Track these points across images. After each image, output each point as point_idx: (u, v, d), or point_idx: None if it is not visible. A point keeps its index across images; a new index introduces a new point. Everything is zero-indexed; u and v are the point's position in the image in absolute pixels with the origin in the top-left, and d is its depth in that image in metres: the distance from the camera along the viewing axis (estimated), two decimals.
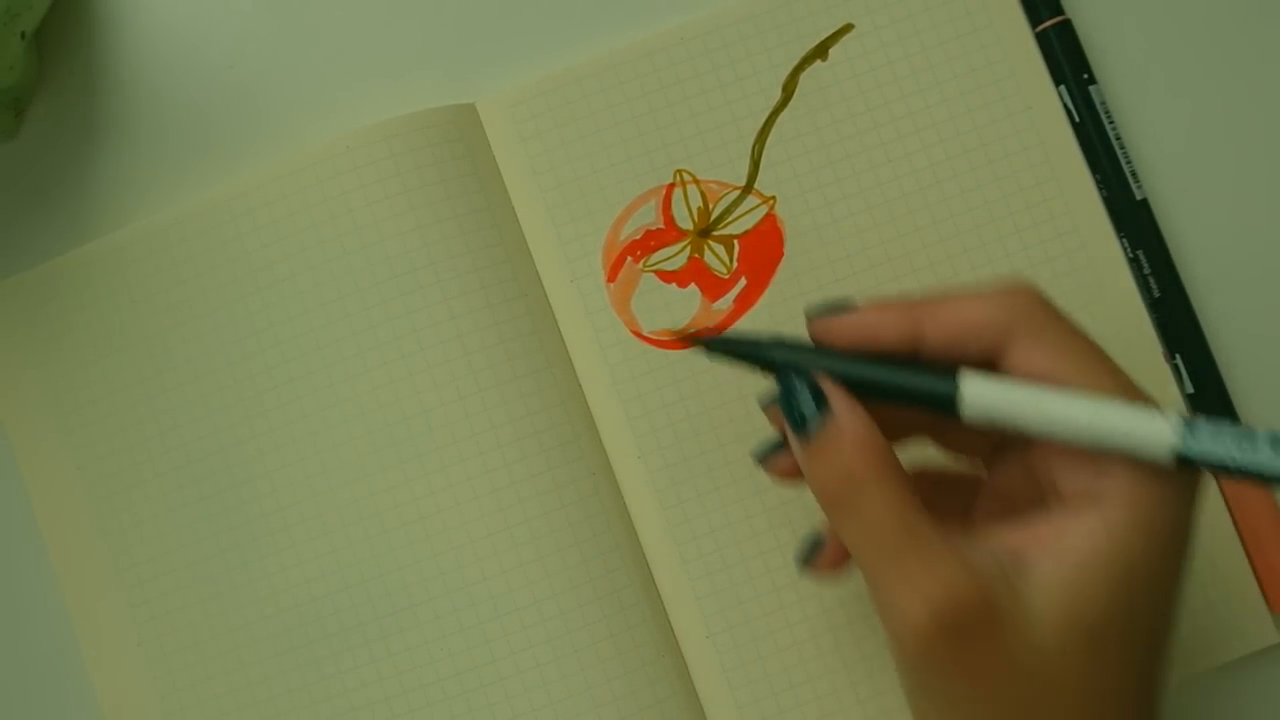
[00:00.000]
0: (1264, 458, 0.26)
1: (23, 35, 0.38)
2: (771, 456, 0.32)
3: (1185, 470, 0.27)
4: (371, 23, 0.41)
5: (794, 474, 0.32)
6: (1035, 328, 0.29)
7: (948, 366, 0.29)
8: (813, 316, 0.31)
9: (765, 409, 0.32)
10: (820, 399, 0.30)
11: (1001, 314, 0.29)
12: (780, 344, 0.31)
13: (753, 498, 0.38)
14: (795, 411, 0.30)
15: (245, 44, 0.41)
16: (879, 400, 0.30)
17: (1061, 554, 0.28)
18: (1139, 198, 0.40)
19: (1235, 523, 0.39)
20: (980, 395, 0.28)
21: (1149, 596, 0.28)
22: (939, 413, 0.29)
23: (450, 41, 0.41)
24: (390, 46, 0.41)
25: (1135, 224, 0.39)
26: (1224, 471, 0.26)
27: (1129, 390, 0.28)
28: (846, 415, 0.30)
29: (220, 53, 0.41)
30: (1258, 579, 0.38)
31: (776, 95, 0.40)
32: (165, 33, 0.41)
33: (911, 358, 0.30)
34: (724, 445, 0.38)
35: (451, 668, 0.38)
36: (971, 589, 0.27)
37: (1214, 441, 0.26)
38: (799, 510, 0.38)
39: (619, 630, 0.38)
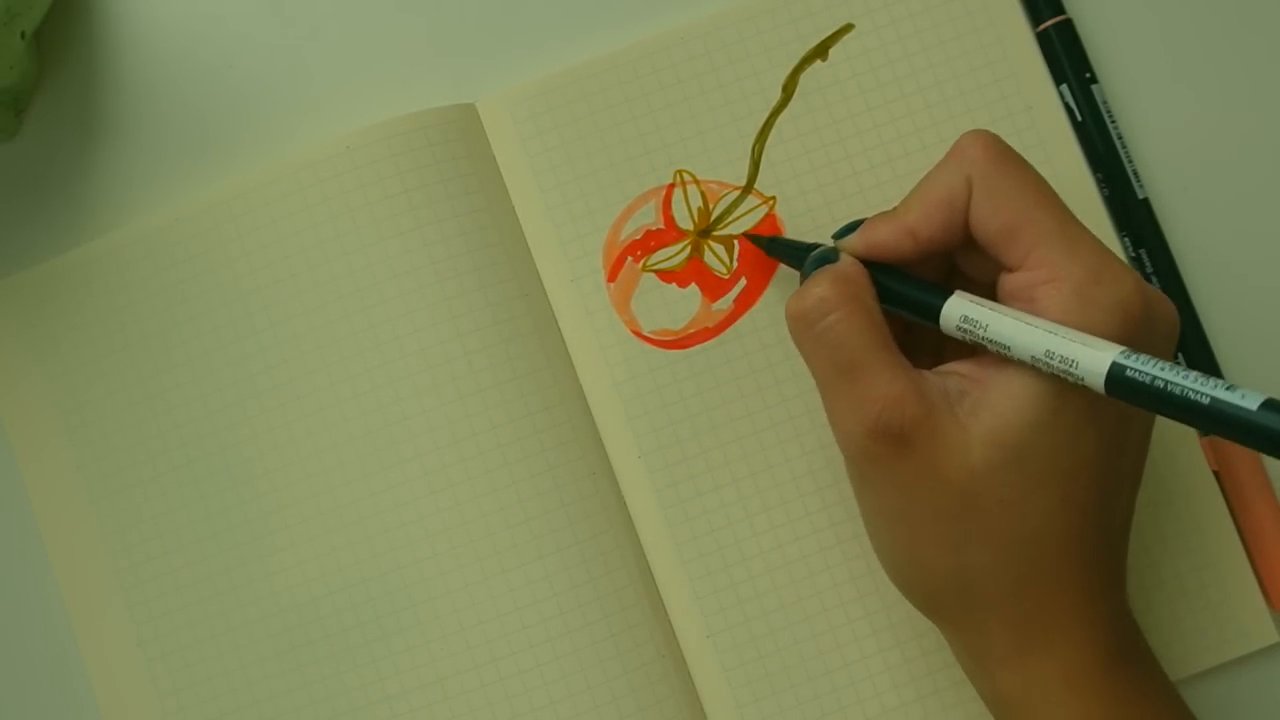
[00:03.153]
0: (1191, 381, 0.27)
1: (23, 35, 0.38)
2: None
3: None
4: (371, 23, 0.41)
5: None
6: (984, 179, 0.32)
7: (945, 289, 0.32)
8: (836, 237, 0.35)
9: None
10: (835, 256, 0.34)
11: (958, 176, 0.32)
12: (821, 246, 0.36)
13: (753, 498, 0.38)
14: (813, 265, 0.34)
15: (245, 44, 0.41)
16: (898, 307, 0.33)
17: (996, 383, 0.30)
18: (1141, 197, 0.39)
19: (1236, 522, 0.39)
20: (952, 312, 0.32)
21: (1078, 442, 0.30)
22: (929, 323, 0.33)
23: (450, 41, 0.41)
24: (390, 46, 0.41)
25: (1137, 223, 0.39)
26: (1155, 398, 0.28)
27: (1066, 227, 0.31)
28: (844, 261, 0.33)
29: (220, 53, 0.41)
30: (1258, 579, 0.38)
31: (776, 95, 0.40)
32: (165, 33, 0.41)
33: (922, 261, 0.33)
34: (724, 445, 0.38)
35: (451, 668, 0.38)
36: (911, 406, 0.30)
37: (1146, 368, 0.28)
38: (799, 511, 0.38)
39: (619, 630, 0.38)
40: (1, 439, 0.40)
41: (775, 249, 0.38)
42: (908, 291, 0.33)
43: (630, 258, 0.39)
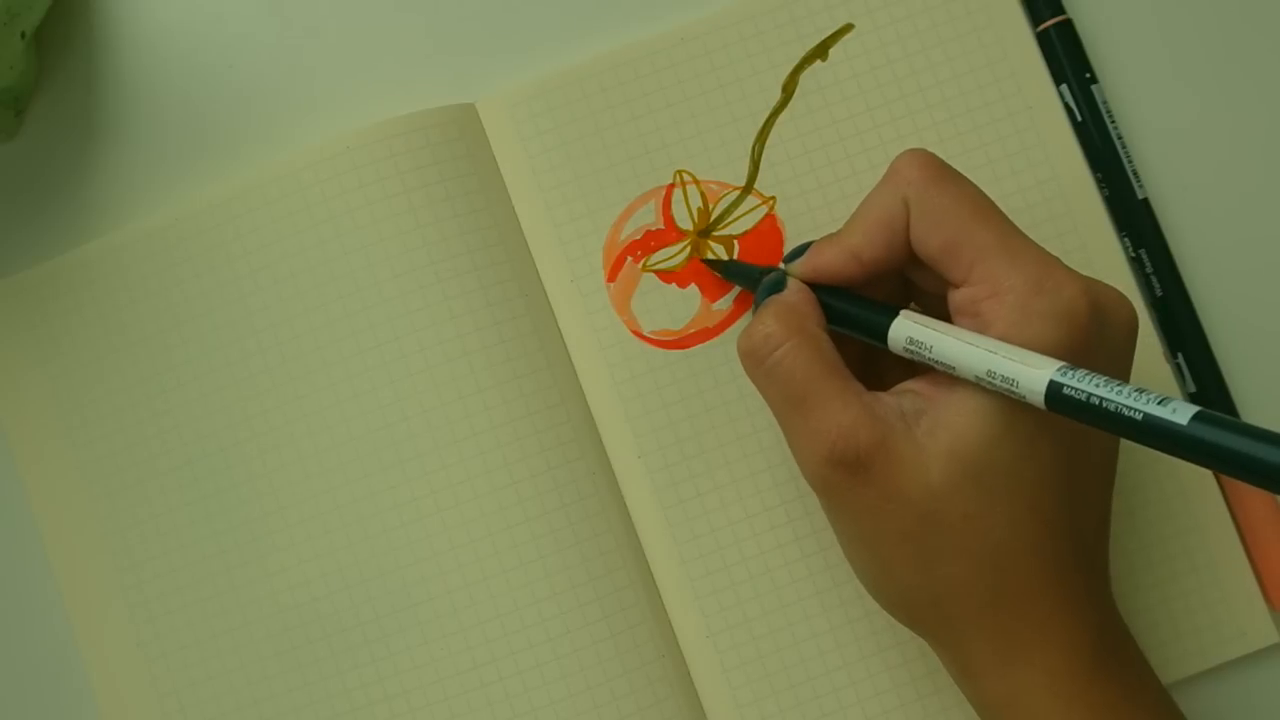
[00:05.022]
0: (1125, 397, 0.27)
1: (23, 35, 0.38)
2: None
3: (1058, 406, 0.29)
4: (371, 23, 0.41)
5: None
6: (919, 199, 0.32)
7: (892, 306, 0.33)
8: (785, 262, 0.35)
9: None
10: (783, 284, 0.34)
11: (894, 198, 0.32)
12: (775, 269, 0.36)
13: (753, 498, 0.38)
14: (763, 294, 0.35)
15: (245, 44, 0.41)
16: (848, 328, 0.34)
17: (950, 401, 0.31)
18: (1141, 197, 0.39)
19: (1235, 522, 0.39)
20: (898, 334, 0.32)
21: (1035, 453, 0.30)
22: (878, 343, 0.33)
23: (450, 41, 0.41)
24: (390, 46, 0.41)
25: (1137, 223, 0.39)
26: (1093, 414, 0.28)
27: (1006, 239, 0.31)
28: (790, 291, 0.34)
29: (220, 53, 0.41)
30: (1258, 579, 0.38)
31: (776, 95, 0.40)
32: (165, 33, 0.41)
33: (868, 282, 0.34)
34: (724, 445, 0.38)
35: (451, 668, 0.38)
36: (865, 432, 0.30)
37: (1082, 384, 0.28)
38: (799, 510, 0.38)
39: (619, 630, 0.38)
40: (1, 439, 0.40)
41: (731, 273, 0.38)
42: (856, 313, 0.33)
43: (630, 258, 0.39)
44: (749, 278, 0.37)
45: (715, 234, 0.39)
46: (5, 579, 0.40)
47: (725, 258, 0.39)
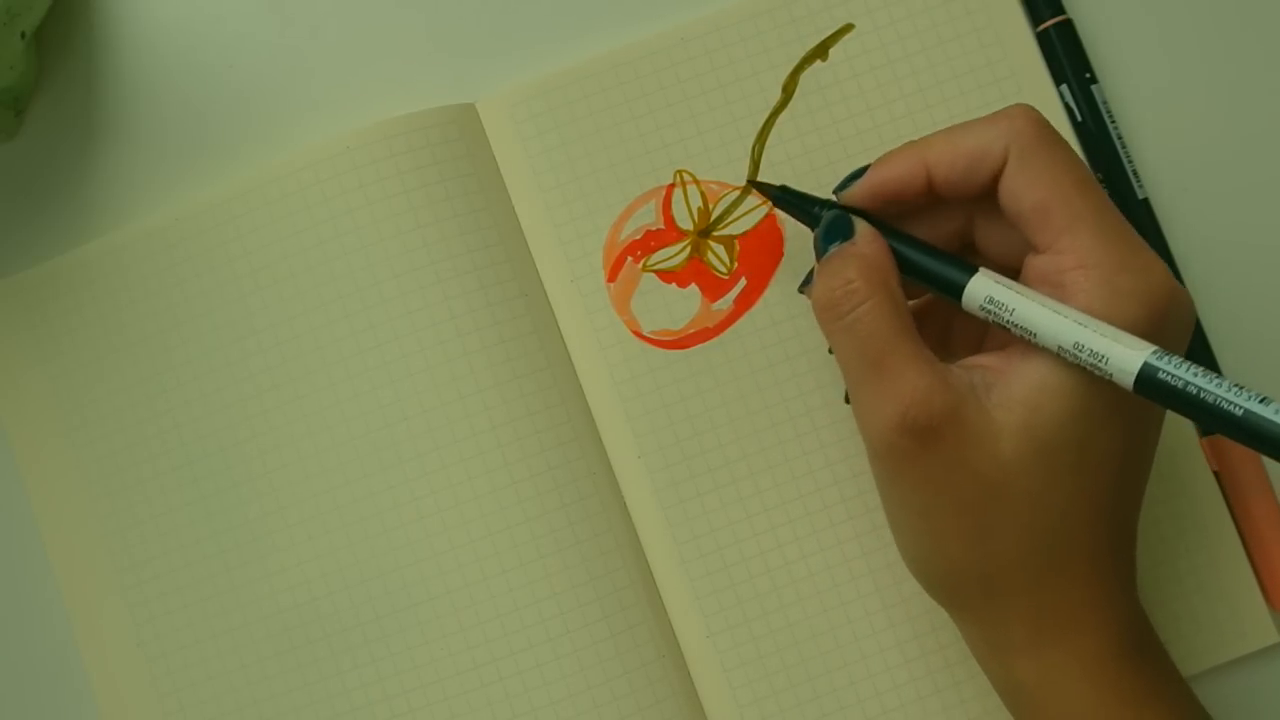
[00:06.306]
0: (1225, 390, 0.27)
1: (23, 35, 0.38)
2: (808, 286, 0.34)
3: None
4: (371, 23, 0.41)
5: None
6: (1025, 152, 0.31)
7: (969, 264, 0.32)
8: (839, 191, 0.34)
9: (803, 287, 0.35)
10: (849, 227, 0.33)
11: (997, 139, 0.31)
12: (830, 202, 0.34)
13: (753, 498, 0.38)
14: (825, 237, 0.33)
15: (245, 44, 0.41)
16: (921, 281, 0.32)
17: (1025, 375, 0.30)
18: (1140, 197, 0.39)
19: (1236, 522, 0.39)
20: (977, 291, 0.31)
21: (1103, 433, 0.30)
22: (952, 299, 0.32)
23: (450, 41, 0.41)
24: (390, 46, 0.41)
25: (1137, 223, 0.39)
26: (1185, 402, 0.28)
27: (1102, 214, 0.30)
28: (864, 240, 0.32)
29: (220, 53, 0.41)
30: (1258, 579, 0.38)
31: (776, 95, 0.40)
32: (165, 33, 0.41)
33: (930, 205, 0.33)
34: (724, 445, 0.38)
35: (451, 668, 0.38)
36: (939, 400, 0.30)
37: (1179, 371, 0.28)
38: (799, 510, 0.38)
39: (619, 630, 0.38)
40: (1, 439, 0.40)
41: (784, 202, 0.36)
42: (932, 266, 0.32)
43: (630, 258, 0.39)
44: (804, 209, 0.35)
45: (715, 234, 0.39)
46: (5, 579, 0.40)
47: (726, 258, 0.39)
